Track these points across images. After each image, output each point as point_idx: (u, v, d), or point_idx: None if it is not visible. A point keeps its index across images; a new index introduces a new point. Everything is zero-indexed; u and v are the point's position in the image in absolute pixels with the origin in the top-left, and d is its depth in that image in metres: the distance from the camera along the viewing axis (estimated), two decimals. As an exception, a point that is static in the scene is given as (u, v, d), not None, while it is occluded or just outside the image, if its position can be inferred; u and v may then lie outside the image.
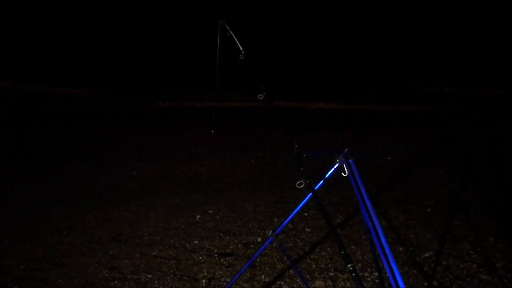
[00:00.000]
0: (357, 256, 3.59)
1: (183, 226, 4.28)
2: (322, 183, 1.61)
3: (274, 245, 1.99)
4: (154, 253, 3.68)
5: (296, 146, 1.57)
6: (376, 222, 1.38)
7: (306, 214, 4.49)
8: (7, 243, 3.86)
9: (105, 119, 11.67)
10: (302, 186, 1.53)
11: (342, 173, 1.63)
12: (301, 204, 1.63)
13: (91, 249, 3.76)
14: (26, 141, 8.40)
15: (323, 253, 3.65)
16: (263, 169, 6.72)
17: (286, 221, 1.68)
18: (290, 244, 3.85)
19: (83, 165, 6.84)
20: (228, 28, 2.53)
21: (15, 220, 4.47)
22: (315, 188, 1.56)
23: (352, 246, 3.78)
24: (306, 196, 1.60)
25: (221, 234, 4.09)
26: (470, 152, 7.42)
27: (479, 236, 3.91)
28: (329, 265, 3.41)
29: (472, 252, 3.59)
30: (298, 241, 3.93)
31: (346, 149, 1.59)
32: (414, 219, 4.40)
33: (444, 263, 3.43)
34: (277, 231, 1.72)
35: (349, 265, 1.31)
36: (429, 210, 4.67)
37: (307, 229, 4.16)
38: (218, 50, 2.68)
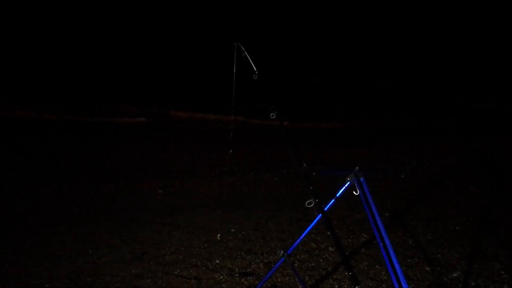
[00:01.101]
0: (381, 276, 3.50)
1: (205, 245, 4.29)
2: (333, 202, 1.59)
3: (290, 265, 1.97)
4: (176, 272, 3.69)
5: (304, 165, 1.56)
6: (387, 242, 1.35)
7: (329, 233, 4.41)
8: (35, 262, 3.97)
9: (131, 132, 11.96)
10: (311, 205, 1.51)
11: (354, 192, 1.61)
12: (311, 225, 1.62)
13: (115, 268, 3.82)
14: (59, 158, 8.69)
15: (346, 274, 3.57)
16: (286, 187, 6.68)
17: (298, 241, 1.67)
18: (312, 264, 3.79)
19: (110, 184, 7.00)
20: (243, 49, 2.58)
21: (43, 239, 4.59)
22: (326, 208, 1.54)
23: (377, 266, 3.69)
24: (317, 216, 1.58)
25: (242, 253, 4.07)
26: (501, 167, 7.15)
27: (510, 255, 3.73)
28: (352, 286, 3.33)
29: (502, 272, 3.43)
30: (321, 260, 3.86)
31: (357, 167, 1.57)
32: (442, 238, 4.25)
33: (473, 283, 3.29)
34: (289, 251, 1.70)
35: (356, 287, 1.28)
36: (457, 228, 4.50)
37: (330, 248, 4.09)
38: (235, 70, 2.73)
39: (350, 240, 4.29)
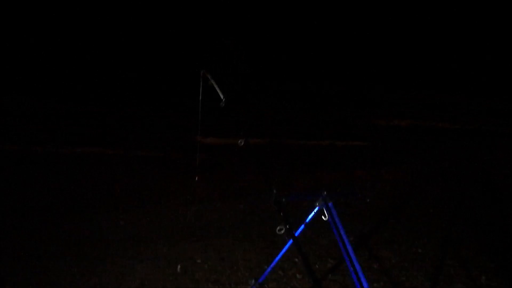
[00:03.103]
0: (349, 301, 3.50)
1: (170, 278, 4.16)
2: (303, 228, 1.60)
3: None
4: (140, 307, 3.54)
5: (274, 191, 1.57)
6: (357, 266, 1.36)
7: (296, 259, 4.40)
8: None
9: (85, 160, 11.59)
10: (282, 231, 1.51)
11: (323, 217, 1.62)
12: (282, 252, 1.61)
13: (74, 306, 3.62)
14: (11, 189, 8.26)
15: (314, 300, 3.55)
16: (253, 213, 6.64)
17: (269, 269, 1.65)
18: (280, 292, 3.75)
19: (65, 215, 6.70)
20: (210, 77, 2.61)
21: (-5, 277, 4.30)
22: (296, 234, 1.54)
23: (344, 291, 3.69)
24: (288, 242, 1.58)
25: (209, 284, 3.98)
26: (459, 188, 7.46)
27: (471, 275, 3.85)
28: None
29: (465, 292, 3.53)
30: (289, 288, 3.83)
31: (325, 192, 1.59)
32: (405, 261, 4.34)
33: (438, 305, 3.36)
34: (260, 280, 1.68)
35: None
36: (420, 250, 4.62)
37: (297, 276, 4.07)
38: (200, 97, 2.74)
39: (317, 266, 4.30)
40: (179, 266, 4.40)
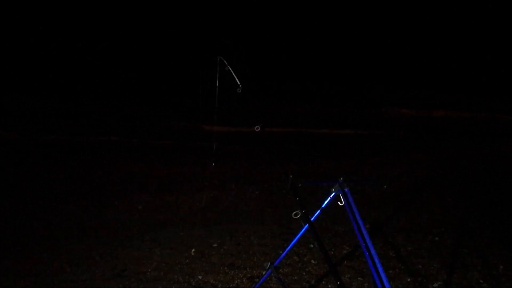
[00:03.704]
0: None
1: (187, 261, 4.24)
2: (319, 213, 1.61)
3: (275, 277, 1.96)
4: (158, 289, 3.63)
5: (291, 176, 1.58)
6: (373, 251, 1.37)
7: (311, 245, 4.43)
8: (11, 281, 3.84)
9: (107, 148, 11.80)
10: (298, 216, 1.53)
11: (339, 202, 1.63)
12: (298, 236, 1.63)
13: (95, 286, 3.73)
14: (35, 175, 8.47)
15: (329, 286, 3.59)
16: (268, 200, 6.68)
17: (284, 253, 1.67)
18: (295, 277, 3.79)
19: (87, 201, 6.86)
20: (226, 63, 2.61)
21: (18, 257, 4.45)
22: (312, 218, 1.56)
23: (359, 278, 3.71)
24: (304, 227, 1.59)
25: (225, 268, 4.04)
26: (477, 176, 7.35)
27: (488, 265, 3.82)
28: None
29: (481, 281, 3.51)
30: (304, 274, 3.86)
31: (341, 178, 1.60)
32: (422, 248, 4.32)
33: (454, 293, 3.35)
34: (276, 263, 1.70)
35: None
36: (436, 238, 4.59)
37: (313, 261, 4.10)
38: (217, 84, 2.75)
39: (332, 252, 4.31)
40: (193, 250, 4.48)
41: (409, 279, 3.65)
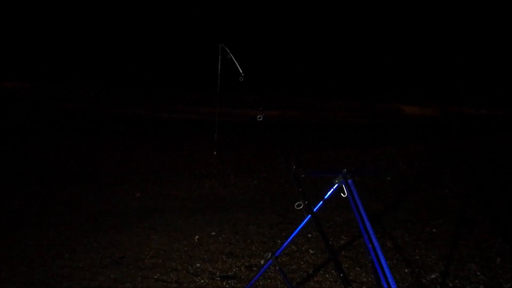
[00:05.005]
0: (361, 278, 3.53)
1: (185, 249, 4.24)
2: (321, 204, 1.60)
3: (277, 267, 1.96)
4: (156, 277, 3.63)
5: (294, 166, 1.56)
6: (376, 243, 1.36)
7: (310, 235, 4.44)
8: (8, 267, 3.84)
9: (111, 129, 11.80)
10: (301, 207, 1.52)
11: (342, 194, 1.62)
12: (300, 226, 1.62)
13: (93, 273, 3.73)
14: (33, 156, 8.46)
15: (327, 276, 3.59)
16: (266, 189, 6.69)
17: (286, 244, 1.66)
18: (293, 267, 3.80)
19: (85, 186, 6.85)
20: (228, 51, 2.57)
21: (16, 243, 4.45)
22: (314, 209, 1.54)
23: (357, 268, 3.72)
24: (306, 217, 1.58)
25: (223, 256, 4.04)
26: (476, 168, 7.37)
27: (485, 256, 3.84)
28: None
29: (479, 273, 3.52)
30: (302, 263, 3.87)
31: (345, 169, 1.58)
32: (419, 240, 4.34)
33: (451, 284, 3.37)
34: (277, 254, 1.70)
35: (348, 288, 1.29)
36: (434, 230, 4.60)
37: (311, 251, 4.11)
38: (219, 72, 2.71)
39: (330, 242, 4.32)
40: (196, 237, 4.48)
41: (406, 270, 3.67)
